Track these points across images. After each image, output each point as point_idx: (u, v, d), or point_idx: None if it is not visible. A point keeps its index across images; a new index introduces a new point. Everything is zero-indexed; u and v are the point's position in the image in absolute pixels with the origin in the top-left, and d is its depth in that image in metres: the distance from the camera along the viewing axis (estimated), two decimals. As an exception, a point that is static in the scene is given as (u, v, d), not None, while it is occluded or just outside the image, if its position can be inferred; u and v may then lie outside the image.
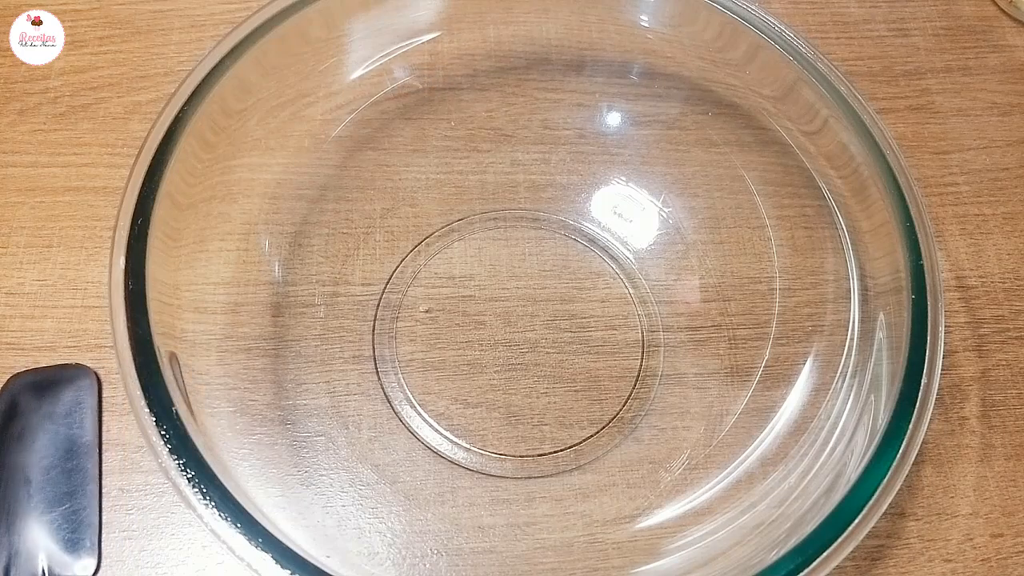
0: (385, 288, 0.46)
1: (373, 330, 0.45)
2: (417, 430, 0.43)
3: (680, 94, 0.49)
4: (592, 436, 0.43)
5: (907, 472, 0.35)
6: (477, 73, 0.51)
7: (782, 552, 0.34)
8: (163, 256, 0.40)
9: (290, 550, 0.34)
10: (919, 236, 0.40)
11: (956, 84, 0.54)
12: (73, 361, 0.44)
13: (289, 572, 0.33)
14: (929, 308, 0.38)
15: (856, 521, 0.34)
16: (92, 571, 0.39)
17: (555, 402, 0.44)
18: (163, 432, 0.35)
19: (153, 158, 0.40)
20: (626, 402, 0.44)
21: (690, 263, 0.47)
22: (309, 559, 0.34)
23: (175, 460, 0.35)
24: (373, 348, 0.45)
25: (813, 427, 0.41)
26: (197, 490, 0.34)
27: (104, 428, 0.42)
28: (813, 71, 0.43)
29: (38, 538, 0.39)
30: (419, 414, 0.44)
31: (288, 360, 0.44)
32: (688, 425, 0.43)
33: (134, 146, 0.43)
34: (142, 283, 0.38)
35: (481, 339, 0.45)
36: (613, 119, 0.50)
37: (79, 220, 0.47)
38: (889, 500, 0.35)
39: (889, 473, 0.35)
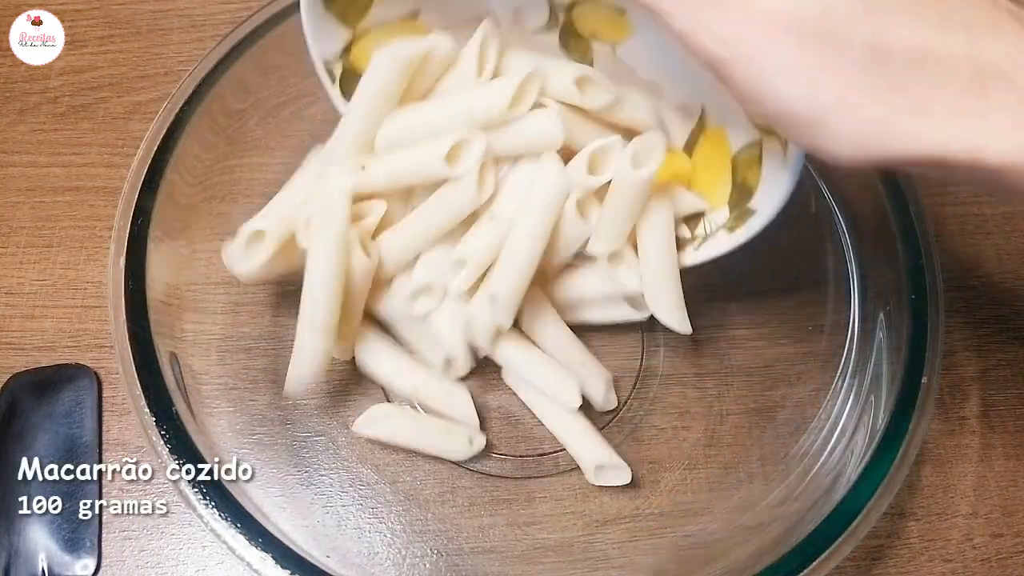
0: (385, 288, 0.46)
1: (373, 330, 0.45)
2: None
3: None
4: (592, 436, 0.43)
5: (907, 472, 0.35)
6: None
7: (782, 552, 0.34)
8: (163, 256, 0.40)
9: (290, 550, 0.34)
10: (919, 236, 0.40)
11: (956, 84, 0.54)
12: (73, 361, 0.44)
13: (289, 572, 0.33)
14: (929, 308, 0.38)
15: (856, 521, 0.34)
16: (92, 571, 0.39)
17: (555, 402, 0.44)
18: (163, 432, 0.35)
19: (153, 158, 0.40)
20: (626, 402, 0.44)
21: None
22: (309, 559, 0.34)
23: (175, 460, 0.35)
24: (373, 348, 0.45)
25: (813, 427, 0.41)
26: (197, 490, 0.34)
27: (104, 428, 0.42)
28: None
29: (38, 538, 0.39)
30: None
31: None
32: (688, 425, 0.43)
33: (134, 146, 0.43)
34: (142, 283, 0.38)
35: (481, 339, 0.45)
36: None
37: (79, 220, 0.47)
38: (889, 500, 0.35)
39: (889, 473, 0.35)
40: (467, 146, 0.36)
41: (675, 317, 0.39)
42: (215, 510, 0.34)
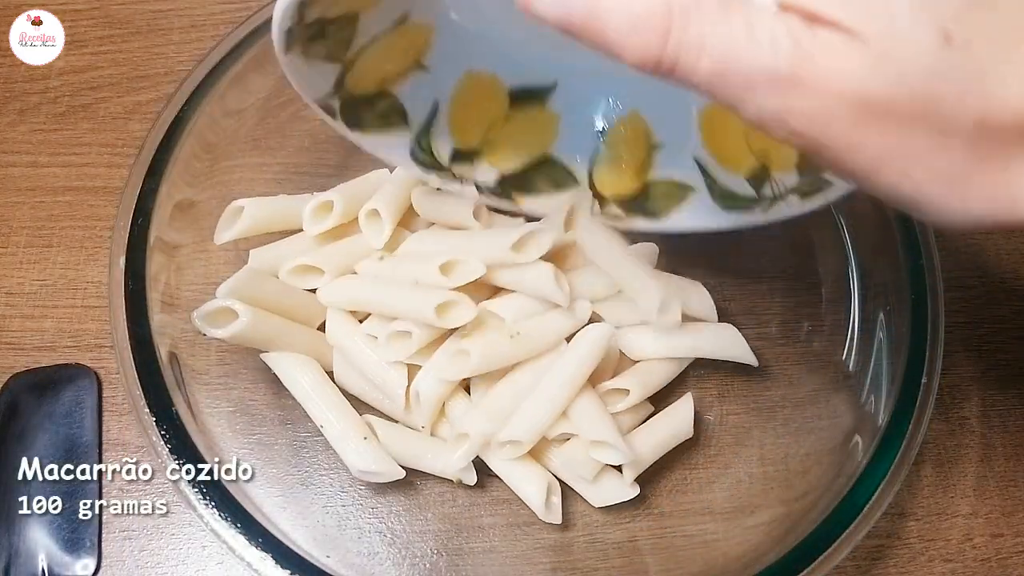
0: (385, 288, 0.46)
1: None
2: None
3: (680, 94, 0.49)
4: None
5: (907, 472, 0.35)
6: (477, 73, 0.51)
7: (782, 552, 0.34)
8: (163, 256, 0.40)
9: (290, 550, 0.34)
10: (919, 236, 0.40)
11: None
12: (73, 361, 0.44)
13: (289, 572, 0.33)
14: (929, 308, 0.38)
15: (856, 521, 0.34)
16: (92, 571, 0.39)
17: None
18: (163, 432, 0.35)
19: (153, 158, 0.40)
20: (626, 402, 0.44)
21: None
22: (309, 559, 0.34)
23: (175, 460, 0.35)
24: (373, 348, 0.45)
25: (813, 427, 0.41)
26: (197, 490, 0.34)
27: (104, 428, 0.42)
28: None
29: (38, 538, 0.39)
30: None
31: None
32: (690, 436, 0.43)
33: (134, 146, 0.43)
34: (142, 283, 0.38)
35: (481, 339, 0.45)
36: (613, 119, 0.50)
37: (79, 220, 0.47)
38: (889, 500, 0.35)
39: (889, 473, 0.35)
40: (464, 266, 0.39)
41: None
42: (215, 510, 0.34)
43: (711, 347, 0.42)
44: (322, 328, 0.42)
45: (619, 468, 0.39)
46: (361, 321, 0.42)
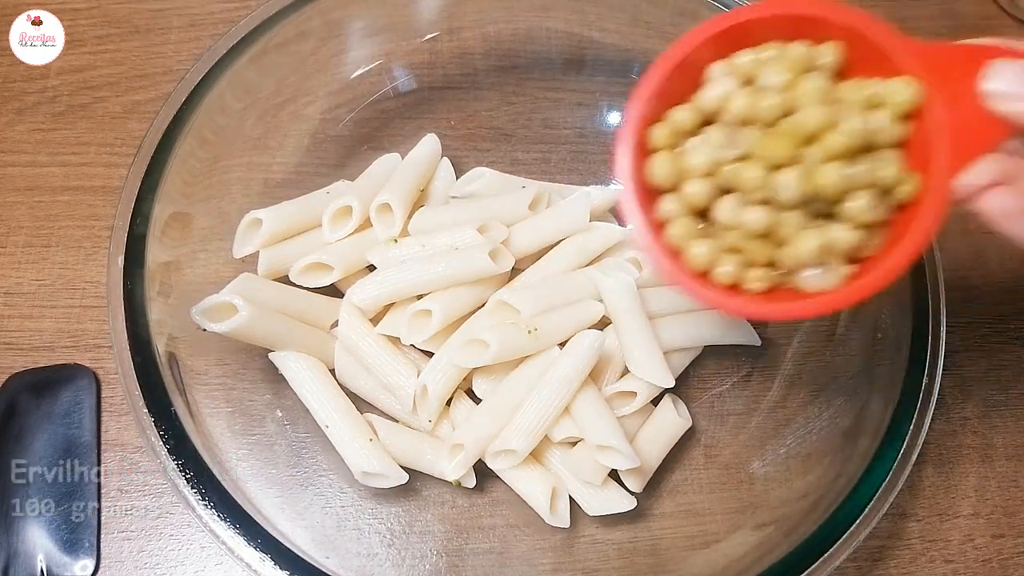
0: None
1: (373, 330, 0.45)
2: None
3: (680, 93, 0.48)
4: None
5: (908, 473, 0.35)
6: (477, 73, 0.51)
7: (783, 553, 0.34)
8: (162, 256, 0.40)
9: (289, 551, 0.34)
10: (920, 236, 0.40)
11: (957, 83, 0.54)
12: (72, 361, 0.43)
13: (288, 573, 0.33)
14: (930, 308, 0.38)
15: (857, 522, 0.34)
16: (91, 572, 0.39)
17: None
18: (162, 432, 0.35)
19: (152, 157, 0.40)
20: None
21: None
22: (308, 560, 0.34)
23: (174, 460, 0.34)
24: (373, 348, 0.45)
25: (813, 427, 0.41)
26: (196, 491, 0.34)
27: (103, 428, 0.42)
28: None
29: (37, 538, 0.39)
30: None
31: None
32: (688, 425, 0.43)
33: (133, 145, 0.43)
34: (141, 283, 0.38)
35: (481, 339, 0.45)
36: (614, 118, 0.50)
37: (77, 220, 0.47)
38: (890, 501, 0.35)
39: (890, 474, 0.35)
40: (490, 231, 0.42)
41: (656, 373, 0.39)
42: (214, 511, 0.34)
43: (716, 333, 0.42)
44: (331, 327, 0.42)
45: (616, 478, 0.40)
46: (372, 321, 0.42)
